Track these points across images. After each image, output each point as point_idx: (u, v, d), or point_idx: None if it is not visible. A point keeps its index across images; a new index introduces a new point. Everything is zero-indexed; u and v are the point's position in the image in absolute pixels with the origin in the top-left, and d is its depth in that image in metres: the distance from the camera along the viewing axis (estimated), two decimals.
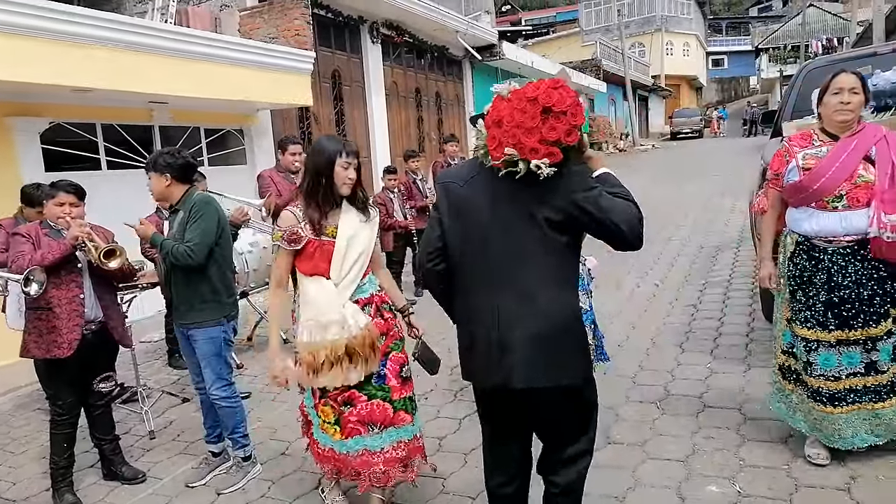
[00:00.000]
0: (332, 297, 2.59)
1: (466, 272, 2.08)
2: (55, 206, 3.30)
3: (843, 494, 2.70)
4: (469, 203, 2.05)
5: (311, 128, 10.22)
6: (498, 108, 1.97)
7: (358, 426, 2.69)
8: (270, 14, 9.55)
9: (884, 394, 2.84)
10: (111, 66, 5.98)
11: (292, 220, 2.62)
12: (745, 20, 53.65)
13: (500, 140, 1.92)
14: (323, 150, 2.61)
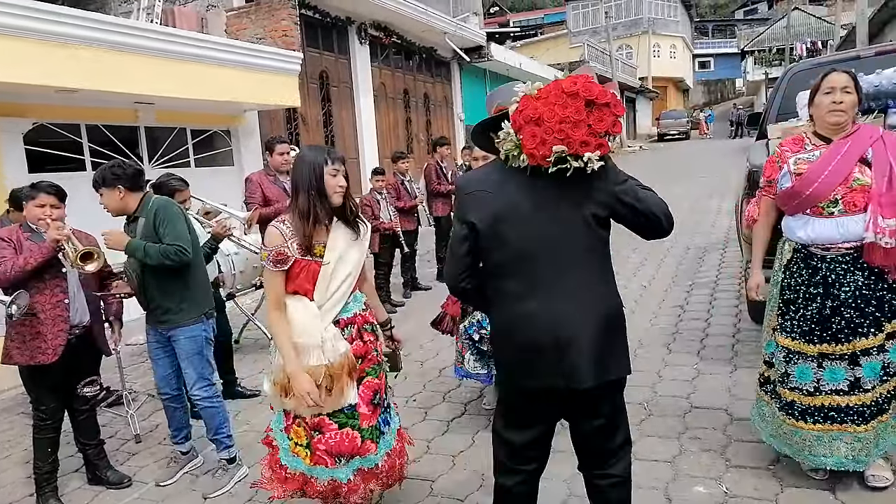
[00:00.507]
0: (314, 320, 2.46)
1: (514, 280, 1.99)
2: (35, 207, 3.23)
3: (828, 494, 2.73)
4: (508, 210, 1.96)
5: (299, 129, 10.19)
6: (531, 106, 1.88)
7: (325, 456, 2.53)
8: (257, 14, 9.51)
9: (867, 415, 2.65)
10: (96, 67, 5.93)
11: (278, 239, 2.44)
12: (731, 23, 54.11)
13: (542, 138, 1.84)
14: (308, 162, 2.47)
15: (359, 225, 2.60)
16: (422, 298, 7.11)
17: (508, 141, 1.95)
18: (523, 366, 2.03)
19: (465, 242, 2.03)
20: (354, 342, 2.55)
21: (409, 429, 3.84)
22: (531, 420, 2.16)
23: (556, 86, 1.89)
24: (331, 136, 11.12)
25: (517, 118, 1.91)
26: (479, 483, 3.16)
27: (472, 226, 2.00)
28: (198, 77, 7.03)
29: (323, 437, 2.52)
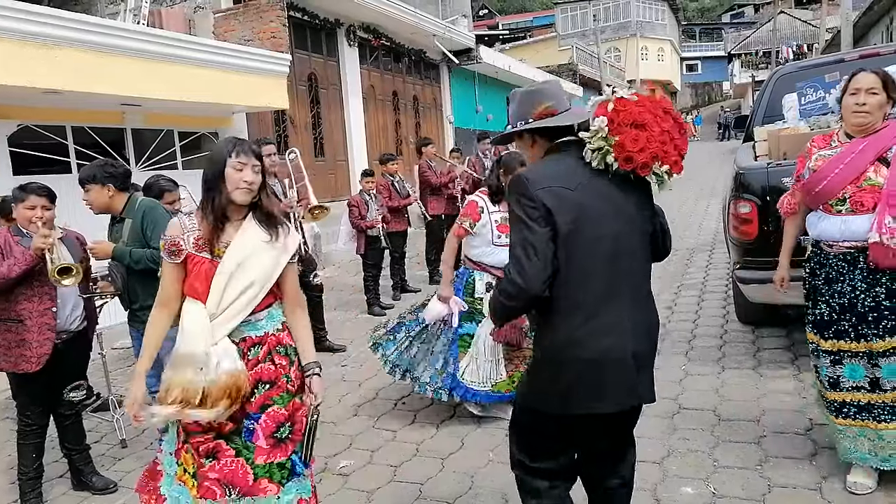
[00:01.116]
0: (202, 329, 2.12)
1: (590, 288, 1.86)
2: (26, 209, 3.16)
3: (815, 494, 2.75)
4: (589, 211, 1.84)
5: (288, 131, 10.15)
6: (634, 110, 1.83)
7: (214, 485, 2.16)
8: (246, 16, 9.48)
9: (886, 414, 2.64)
10: (81, 68, 5.88)
11: (177, 230, 2.18)
12: (718, 26, 54.50)
13: (644, 145, 1.81)
14: (212, 154, 2.22)
15: (278, 227, 2.24)
16: (411, 301, 7.09)
17: (599, 138, 1.85)
18: (591, 385, 1.87)
19: (551, 242, 1.82)
20: (259, 364, 2.18)
21: (397, 432, 3.84)
22: (569, 444, 2.03)
23: (650, 98, 1.89)
24: (320, 139, 11.09)
25: (615, 118, 1.83)
26: (469, 486, 3.15)
27: (552, 223, 1.82)
28: (185, 79, 6.99)
29: (217, 464, 2.16)
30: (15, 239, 3.19)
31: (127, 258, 3.16)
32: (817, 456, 3.02)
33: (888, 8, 15.01)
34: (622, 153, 1.82)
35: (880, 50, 4.84)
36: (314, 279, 5.38)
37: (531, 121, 2.02)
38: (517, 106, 2.09)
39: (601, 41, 30.21)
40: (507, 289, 1.86)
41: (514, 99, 2.12)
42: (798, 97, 4.65)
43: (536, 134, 2.05)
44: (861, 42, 16.18)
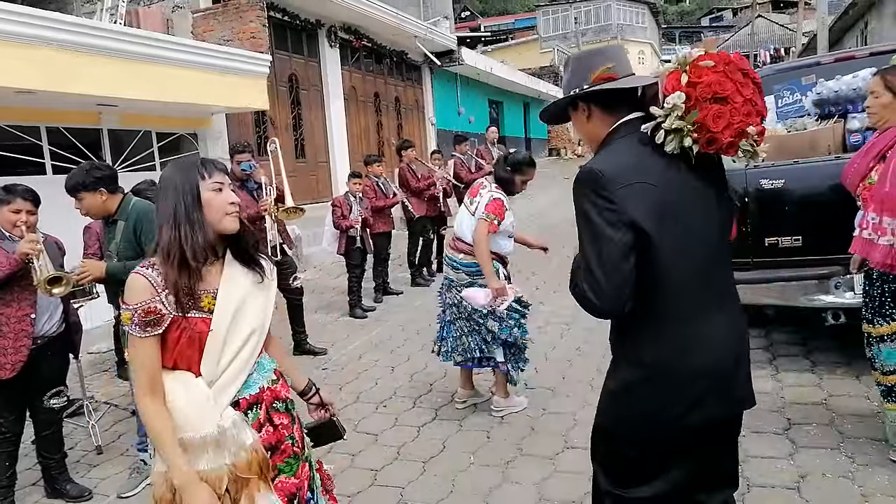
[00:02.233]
0: (205, 405, 1.71)
1: (682, 295, 1.61)
2: (10, 212, 3.09)
3: (793, 493, 2.77)
4: (674, 211, 1.57)
5: (268, 132, 10.06)
6: (711, 80, 1.53)
7: None
8: (225, 16, 9.38)
9: None
10: (55, 68, 5.77)
11: (147, 291, 1.67)
12: (698, 29, 55.10)
13: (728, 121, 1.51)
14: (174, 182, 1.74)
15: (261, 263, 1.87)
16: (393, 303, 7.07)
17: (675, 118, 1.54)
18: (695, 397, 1.63)
19: (631, 252, 1.54)
20: (263, 428, 1.80)
21: (378, 435, 3.82)
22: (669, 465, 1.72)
23: (725, 58, 1.57)
24: (301, 140, 11.01)
25: (692, 93, 1.53)
26: (450, 489, 3.13)
27: (638, 229, 1.54)
28: (163, 79, 6.89)
29: None
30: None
31: (122, 273, 3.11)
32: (796, 455, 3.05)
33: (863, 13, 15.28)
34: (705, 135, 1.53)
35: (855, 53, 4.90)
36: (294, 282, 5.33)
37: (586, 87, 1.70)
38: (570, 73, 1.76)
39: (582, 43, 30.41)
40: (579, 298, 1.61)
41: (568, 65, 1.80)
42: (775, 99, 4.71)
43: (594, 104, 1.71)
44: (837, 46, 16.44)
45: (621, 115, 1.68)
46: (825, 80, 4.32)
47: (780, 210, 3.87)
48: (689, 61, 1.57)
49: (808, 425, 3.33)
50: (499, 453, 3.43)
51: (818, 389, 3.74)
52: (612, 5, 40.02)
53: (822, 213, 3.77)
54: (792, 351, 4.33)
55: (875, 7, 14.29)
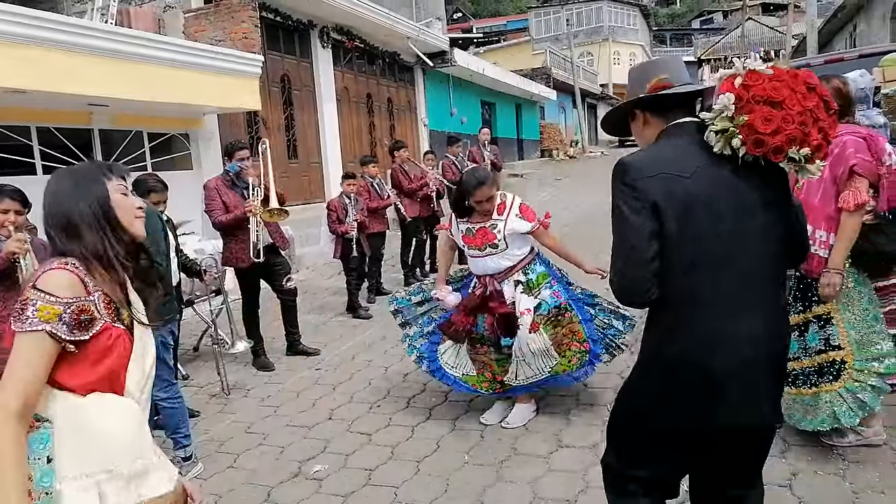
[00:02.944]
0: (138, 429, 1.52)
1: (702, 291, 1.62)
2: None
3: (785, 491, 2.79)
4: (703, 203, 1.60)
5: (261, 132, 10.03)
6: (766, 85, 1.58)
7: None
8: (217, 16, 9.35)
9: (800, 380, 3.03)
10: (46, 67, 5.74)
11: (78, 287, 1.47)
12: (688, 32, 55.44)
13: (779, 125, 1.55)
14: (82, 179, 1.59)
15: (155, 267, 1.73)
16: (385, 304, 7.05)
17: (724, 118, 1.61)
18: (699, 401, 1.64)
19: (653, 240, 1.58)
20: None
21: (372, 435, 3.81)
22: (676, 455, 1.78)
23: (790, 71, 1.63)
24: (293, 141, 10.99)
25: (744, 94, 1.58)
26: (444, 489, 3.13)
27: (662, 217, 1.59)
28: (154, 79, 6.86)
29: None
30: None
31: None
32: (788, 452, 3.07)
33: (851, 16, 15.43)
34: (751, 135, 1.57)
35: (844, 55, 4.98)
36: (287, 283, 5.31)
37: (640, 96, 1.79)
38: (630, 84, 1.87)
39: (574, 45, 30.49)
40: (612, 289, 1.67)
41: (630, 76, 1.89)
42: None
43: (648, 111, 1.79)
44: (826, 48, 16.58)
45: (673, 118, 1.75)
46: None
47: None
48: (749, 67, 1.62)
49: None
50: (493, 453, 3.44)
51: None
52: (603, 7, 40.22)
53: None
54: None
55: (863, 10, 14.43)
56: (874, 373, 2.84)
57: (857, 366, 2.86)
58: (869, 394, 2.84)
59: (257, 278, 5.21)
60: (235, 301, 5.63)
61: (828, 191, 2.82)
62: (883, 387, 2.86)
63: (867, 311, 2.89)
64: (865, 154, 2.79)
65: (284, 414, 4.29)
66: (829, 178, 2.81)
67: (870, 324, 2.88)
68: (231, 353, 5.34)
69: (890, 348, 2.87)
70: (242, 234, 5.00)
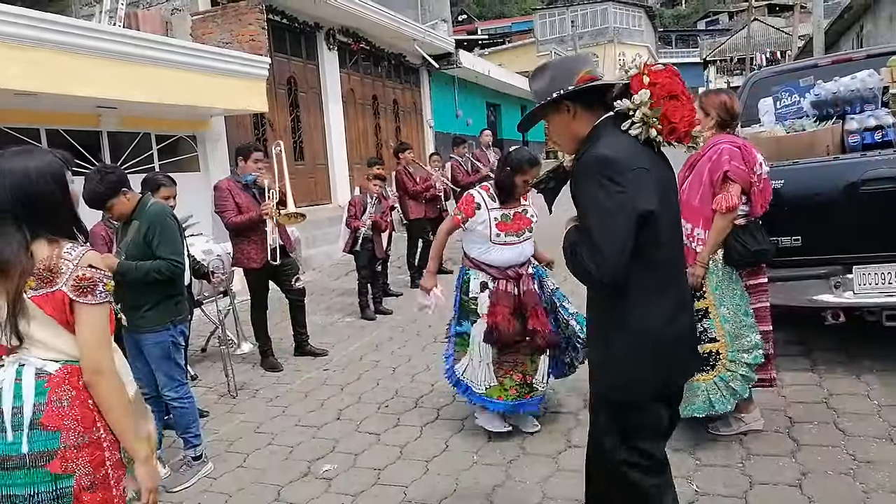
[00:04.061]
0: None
1: (670, 268, 1.88)
2: None
3: (795, 490, 2.78)
4: (663, 192, 1.83)
5: (267, 134, 10.07)
6: (665, 82, 1.81)
7: None
8: (224, 19, 9.39)
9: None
10: (55, 70, 5.77)
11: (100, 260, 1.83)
12: (694, 33, 55.32)
13: (683, 115, 1.81)
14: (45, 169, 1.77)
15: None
16: (392, 305, 7.07)
17: (643, 110, 1.80)
18: (677, 361, 1.92)
19: (633, 233, 1.73)
20: None
21: (381, 435, 3.82)
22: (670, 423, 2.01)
23: (668, 69, 1.88)
24: (299, 143, 11.02)
25: (654, 91, 1.79)
26: (453, 488, 3.14)
27: (644, 209, 1.74)
28: (162, 81, 6.89)
29: None
30: None
31: (132, 272, 3.20)
32: (798, 453, 3.06)
33: (858, 16, 15.35)
34: (668, 125, 1.80)
35: (853, 55, 4.93)
36: (296, 283, 5.33)
37: (571, 88, 1.87)
38: (550, 79, 1.92)
39: (579, 47, 30.52)
40: (580, 271, 1.79)
41: (544, 72, 1.96)
42: (773, 101, 4.73)
43: (578, 104, 1.89)
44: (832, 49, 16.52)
45: (599, 114, 1.89)
46: (823, 82, 4.35)
47: (779, 210, 3.89)
48: (643, 68, 1.86)
49: (809, 423, 3.34)
50: (502, 452, 3.44)
51: (819, 388, 3.76)
52: (608, 9, 40.16)
53: (821, 214, 3.80)
54: (792, 351, 4.35)
55: (870, 10, 14.37)
56: (744, 363, 3.12)
57: (730, 356, 3.13)
58: (739, 383, 3.12)
59: (266, 279, 5.23)
60: (243, 302, 5.66)
61: (706, 193, 3.13)
62: (751, 376, 3.15)
63: (739, 307, 3.15)
64: (739, 162, 3.09)
65: (293, 414, 4.30)
66: (708, 181, 3.13)
67: (741, 318, 3.14)
68: (237, 353, 5.37)
69: (758, 341, 3.15)
70: (254, 235, 5.02)
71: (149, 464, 1.79)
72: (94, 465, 1.71)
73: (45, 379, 1.69)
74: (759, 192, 3.17)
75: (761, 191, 3.19)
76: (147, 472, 1.78)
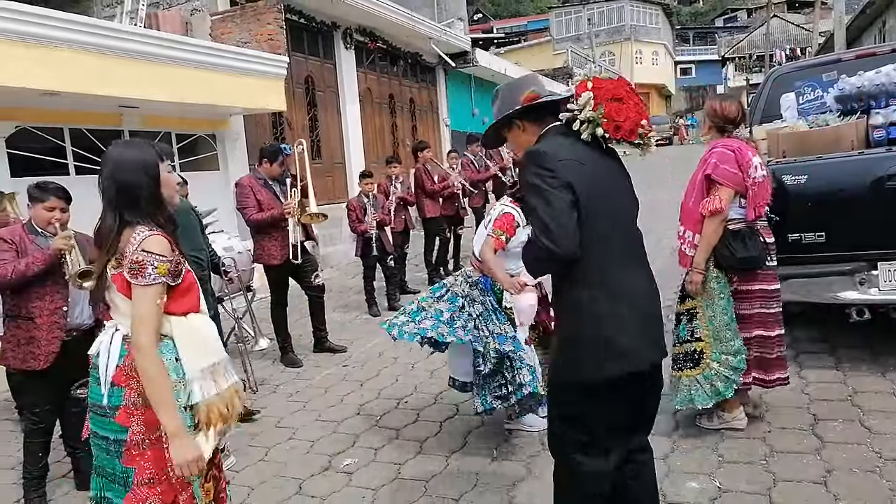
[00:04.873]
0: (216, 332, 2.13)
1: (607, 252, 2.00)
2: (45, 210, 3.16)
3: (820, 487, 2.76)
4: (599, 182, 2.01)
5: (285, 133, 10.14)
6: (608, 86, 2.05)
7: (224, 495, 2.22)
8: (243, 19, 9.46)
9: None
10: (79, 70, 5.86)
11: (169, 247, 1.97)
12: (712, 30, 54.75)
13: (626, 115, 2.01)
14: (133, 159, 2.01)
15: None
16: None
17: (588, 110, 2.01)
18: (638, 339, 2.00)
19: (573, 209, 1.92)
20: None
21: (400, 430, 3.84)
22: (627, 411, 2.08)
23: (617, 79, 2.15)
24: (317, 141, 11.08)
25: (597, 94, 2.01)
26: (474, 483, 3.15)
27: (575, 193, 1.93)
28: (182, 81, 6.97)
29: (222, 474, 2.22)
30: (30, 237, 3.19)
31: None
32: (823, 450, 3.03)
33: (881, 11, 15.13)
34: (611, 123, 2.01)
35: (876, 50, 4.87)
36: (315, 280, 5.37)
37: (518, 108, 2.16)
38: (501, 101, 2.24)
39: (596, 45, 30.36)
40: (539, 254, 1.96)
41: (497, 96, 2.27)
42: (796, 96, 4.68)
43: (526, 120, 2.18)
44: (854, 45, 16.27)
45: (547, 124, 2.16)
46: (847, 76, 4.29)
47: (803, 206, 3.85)
48: (591, 76, 2.15)
49: (834, 421, 3.31)
50: (521, 448, 3.44)
51: (843, 386, 3.72)
52: (625, 6, 39.90)
53: (846, 209, 3.76)
54: (815, 348, 4.31)
55: (893, 6, 14.14)
56: (729, 366, 3.19)
57: (713, 357, 3.21)
58: (722, 383, 3.19)
59: (287, 276, 5.28)
60: (263, 299, 5.71)
61: (698, 196, 3.21)
62: (735, 378, 3.19)
63: (725, 311, 3.22)
64: (730, 165, 3.13)
65: (313, 409, 4.33)
66: (699, 185, 3.21)
67: (726, 322, 3.21)
68: (256, 349, 5.42)
69: (740, 345, 3.22)
70: (276, 232, 5.07)
71: (177, 438, 1.89)
72: (148, 426, 1.92)
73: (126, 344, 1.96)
74: (753, 195, 3.18)
75: (756, 195, 3.18)
76: (177, 445, 1.89)
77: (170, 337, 1.98)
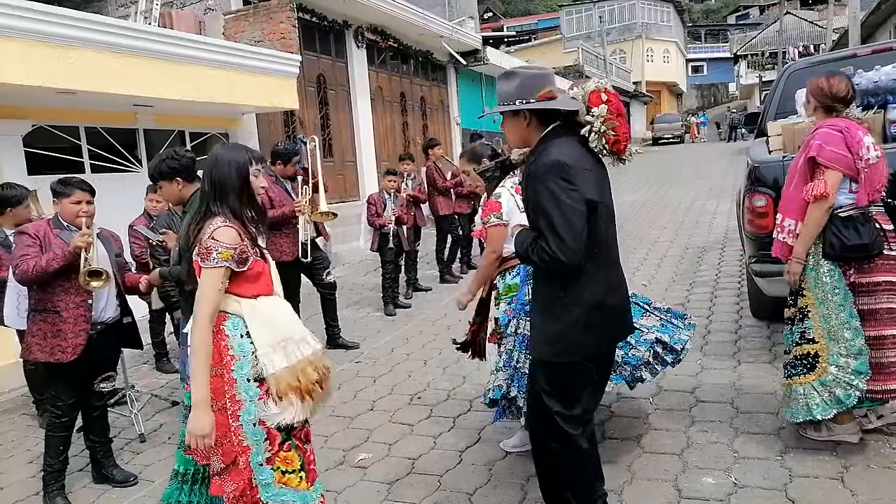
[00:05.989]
0: (291, 313, 2.33)
1: (608, 252, 2.27)
2: (72, 204, 3.21)
3: (837, 483, 2.74)
4: (601, 186, 2.21)
5: (297, 131, 10.19)
6: (615, 101, 2.18)
7: (313, 465, 2.37)
8: (255, 17, 9.51)
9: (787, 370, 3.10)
10: (95, 68, 5.91)
11: (237, 238, 2.20)
12: (724, 28, 54.42)
13: (625, 131, 2.18)
14: (230, 159, 2.29)
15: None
16: (423, 299, 7.12)
17: (602, 123, 2.15)
18: (616, 325, 2.36)
19: (586, 224, 2.11)
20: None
21: (414, 426, 3.86)
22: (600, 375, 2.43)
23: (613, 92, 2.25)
24: (328, 140, 11.12)
25: (610, 108, 2.15)
26: (488, 478, 3.16)
27: (591, 202, 2.13)
28: (196, 79, 7.02)
29: (311, 447, 2.37)
30: (55, 232, 3.24)
31: (171, 274, 3.23)
32: (839, 447, 3.01)
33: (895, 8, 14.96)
34: (615, 137, 2.16)
35: (893, 45, 4.84)
36: (327, 277, 5.40)
37: (532, 101, 2.23)
38: (518, 86, 2.25)
39: (606, 43, 30.25)
40: (544, 258, 2.12)
41: (513, 78, 2.28)
42: None
43: (535, 116, 2.26)
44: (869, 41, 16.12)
45: (549, 124, 2.24)
46: (864, 71, 4.26)
47: None
48: (601, 87, 2.20)
49: None
50: None
51: None
52: (636, 4, 39.76)
53: None
54: None
55: None
56: (850, 371, 2.85)
57: (831, 360, 2.89)
58: (843, 390, 2.86)
59: (298, 272, 5.30)
60: None
61: (800, 181, 2.93)
62: (858, 384, 2.84)
63: (842, 307, 2.88)
64: (836, 146, 2.82)
65: (327, 404, 4.32)
66: (802, 168, 2.92)
67: (844, 319, 2.87)
68: None
69: (862, 346, 2.86)
70: (287, 228, 5.09)
71: (198, 409, 2.09)
72: (215, 393, 2.13)
73: None
74: (866, 178, 2.86)
75: (870, 177, 2.87)
76: (194, 415, 2.09)
77: (239, 316, 2.20)
